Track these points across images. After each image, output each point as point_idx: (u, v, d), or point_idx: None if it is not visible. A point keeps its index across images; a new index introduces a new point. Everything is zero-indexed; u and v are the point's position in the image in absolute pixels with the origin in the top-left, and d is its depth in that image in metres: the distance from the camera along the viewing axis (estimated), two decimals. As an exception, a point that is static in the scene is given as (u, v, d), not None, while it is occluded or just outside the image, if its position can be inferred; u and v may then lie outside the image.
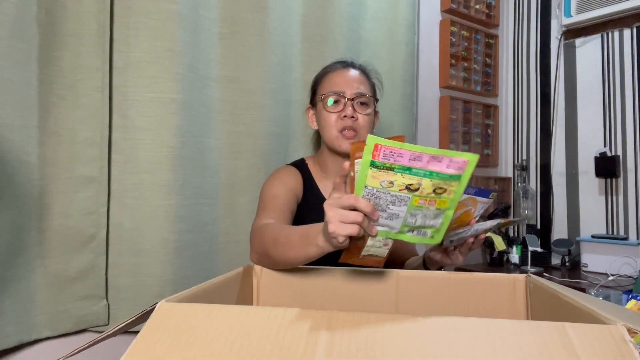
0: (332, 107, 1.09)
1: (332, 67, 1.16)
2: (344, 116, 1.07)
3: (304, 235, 0.77)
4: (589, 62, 2.17)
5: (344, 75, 1.12)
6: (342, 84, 1.10)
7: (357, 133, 1.08)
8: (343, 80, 1.10)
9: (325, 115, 1.10)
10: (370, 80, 1.16)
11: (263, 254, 0.86)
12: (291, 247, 0.79)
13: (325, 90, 1.11)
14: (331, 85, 1.11)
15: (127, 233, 1.19)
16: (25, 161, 1.03)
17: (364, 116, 1.09)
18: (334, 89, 1.10)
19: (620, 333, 0.40)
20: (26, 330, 1.06)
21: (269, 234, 0.87)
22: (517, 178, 2.40)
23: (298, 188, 1.11)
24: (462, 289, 0.79)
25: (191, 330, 0.44)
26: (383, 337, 0.42)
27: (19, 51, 1.02)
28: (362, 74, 1.14)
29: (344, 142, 1.08)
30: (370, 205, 0.63)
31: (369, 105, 1.10)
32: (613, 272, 1.84)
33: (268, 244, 0.84)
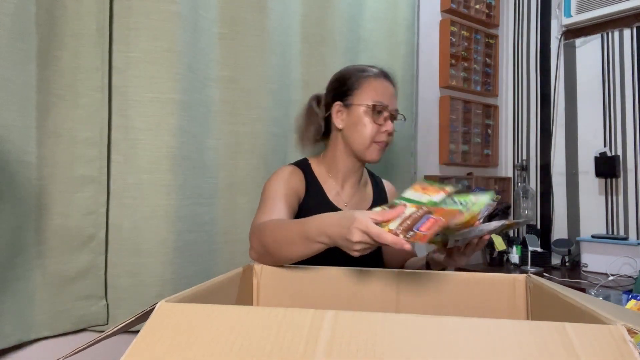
0: (377, 117, 1.09)
1: (373, 72, 1.14)
2: (385, 130, 1.09)
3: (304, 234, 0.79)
4: (589, 62, 2.17)
5: (386, 87, 1.12)
6: (386, 97, 1.10)
7: (387, 145, 1.12)
8: (387, 92, 1.11)
9: (365, 122, 1.09)
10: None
11: (263, 252, 0.87)
12: (292, 245, 0.81)
13: (370, 97, 1.10)
14: (377, 94, 1.10)
15: (127, 233, 1.19)
16: (25, 161, 1.03)
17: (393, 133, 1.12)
18: (381, 100, 1.09)
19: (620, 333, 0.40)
20: (25, 329, 1.06)
21: (268, 232, 0.87)
22: (517, 178, 2.40)
23: (300, 188, 1.11)
24: (462, 289, 0.79)
25: (191, 330, 0.44)
26: (383, 337, 0.42)
27: (19, 51, 1.01)
28: (395, 88, 1.15)
29: (374, 153, 1.10)
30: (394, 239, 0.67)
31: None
32: (613, 272, 1.84)
33: (268, 243, 0.85)
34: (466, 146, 2.24)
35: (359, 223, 0.69)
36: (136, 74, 1.20)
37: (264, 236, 0.87)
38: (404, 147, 1.87)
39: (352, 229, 0.69)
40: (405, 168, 1.88)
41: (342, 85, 1.15)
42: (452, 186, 0.83)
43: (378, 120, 1.09)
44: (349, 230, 0.70)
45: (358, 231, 0.69)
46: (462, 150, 2.21)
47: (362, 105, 1.10)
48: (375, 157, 1.11)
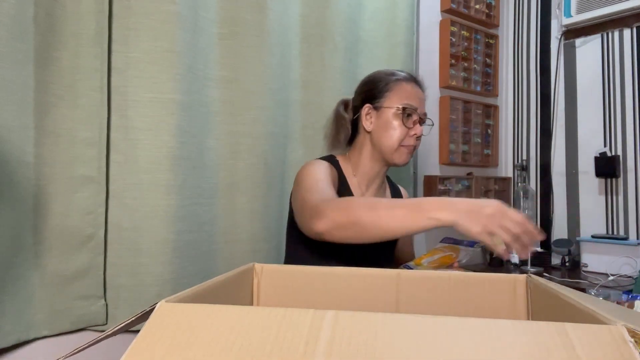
0: (407, 120, 1.10)
1: (404, 76, 1.15)
2: (414, 134, 1.10)
3: (416, 206, 0.76)
4: (589, 62, 2.17)
5: (417, 91, 1.13)
6: (416, 100, 1.11)
7: (415, 149, 1.13)
8: (417, 96, 1.12)
9: (395, 125, 1.10)
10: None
11: (346, 221, 0.83)
12: (394, 217, 0.78)
13: (401, 100, 1.11)
14: (408, 97, 1.11)
15: (126, 233, 1.19)
16: (24, 161, 1.03)
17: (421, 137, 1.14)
18: (412, 103, 1.10)
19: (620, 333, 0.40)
20: (24, 329, 1.06)
21: (359, 201, 0.86)
22: (517, 178, 2.40)
23: (335, 180, 1.11)
24: (462, 289, 0.79)
25: (191, 330, 0.44)
26: (383, 337, 0.41)
27: (18, 51, 1.01)
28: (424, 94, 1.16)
29: (403, 157, 1.11)
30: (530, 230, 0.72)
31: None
32: (613, 272, 1.84)
33: (360, 210, 0.81)
34: (466, 146, 2.24)
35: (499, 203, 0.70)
36: (136, 74, 1.20)
37: (355, 206, 0.83)
38: (404, 147, 1.87)
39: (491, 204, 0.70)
40: (405, 168, 1.88)
41: (373, 88, 1.15)
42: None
43: (407, 124, 1.10)
44: (485, 204, 0.71)
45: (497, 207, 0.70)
46: (462, 150, 2.21)
47: (392, 107, 1.10)
48: (403, 160, 1.12)
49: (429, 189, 2.06)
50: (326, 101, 1.61)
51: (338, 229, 0.84)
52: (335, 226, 0.84)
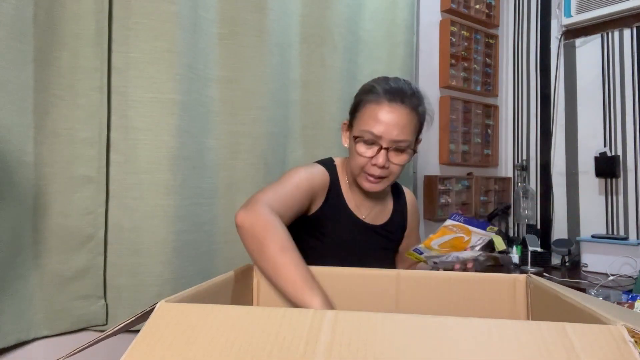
0: (363, 148, 0.99)
1: (377, 95, 0.99)
2: (375, 164, 0.99)
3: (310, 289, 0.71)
4: (589, 62, 2.17)
5: (389, 113, 0.97)
6: (382, 126, 0.96)
7: (384, 178, 1.02)
8: (385, 120, 0.96)
9: (355, 151, 1.00)
10: (418, 116, 1.01)
11: (251, 240, 0.79)
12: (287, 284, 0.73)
13: (362, 125, 0.99)
14: (370, 122, 0.98)
15: (126, 233, 1.19)
16: (24, 161, 1.03)
17: (397, 166, 1.00)
18: (372, 129, 0.97)
19: (620, 333, 0.40)
20: (24, 329, 1.06)
21: (273, 239, 0.78)
22: (517, 178, 2.40)
23: (321, 192, 1.05)
24: (462, 289, 0.79)
25: (191, 330, 0.44)
26: (383, 337, 0.41)
27: (17, 51, 1.01)
28: (410, 113, 0.98)
29: (366, 184, 1.02)
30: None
31: (407, 152, 1.01)
32: (613, 272, 1.84)
33: (265, 248, 0.77)
34: (466, 146, 2.24)
35: None
36: (135, 74, 1.20)
37: (267, 234, 0.78)
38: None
39: None
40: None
41: (353, 102, 1.07)
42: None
43: (367, 152, 0.99)
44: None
45: None
46: (462, 150, 2.21)
47: (355, 131, 1.02)
48: (368, 188, 1.02)
49: (429, 189, 2.06)
50: (326, 101, 1.61)
51: (247, 236, 0.80)
52: (248, 232, 0.80)
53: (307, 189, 0.99)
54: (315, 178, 1.03)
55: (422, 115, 1.04)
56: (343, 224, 1.08)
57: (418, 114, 1.01)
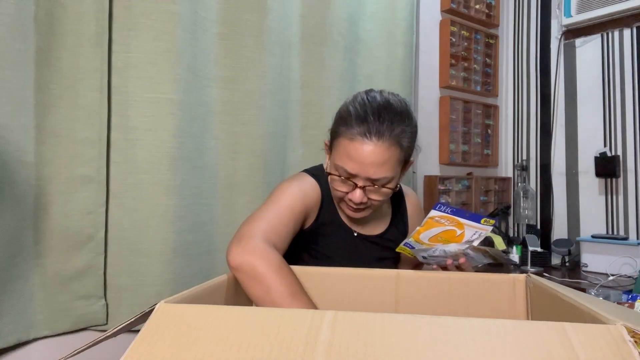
0: (339, 184, 0.93)
1: (351, 131, 0.88)
2: (349, 199, 0.92)
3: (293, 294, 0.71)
4: (589, 62, 2.17)
5: (361, 152, 0.86)
6: (356, 165, 0.87)
7: (367, 207, 0.95)
8: (359, 159, 0.87)
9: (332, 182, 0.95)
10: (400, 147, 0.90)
11: (248, 281, 0.77)
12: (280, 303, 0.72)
13: (337, 159, 0.91)
14: (344, 159, 0.89)
15: (126, 233, 1.19)
16: (24, 161, 1.03)
17: (377, 200, 0.94)
18: (345, 167, 0.88)
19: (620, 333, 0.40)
20: (25, 329, 1.06)
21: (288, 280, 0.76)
22: (517, 178, 2.40)
23: (314, 207, 1.00)
24: (462, 289, 0.79)
25: (191, 331, 0.44)
26: (383, 337, 0.41)
27: (18, 51, 1.01)
28: (389, 147, 0.87)
29: (348, 211, 0.97)
30: None
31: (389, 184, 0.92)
32: (613, 272, 1.84)
33: (259, 287, 0.75)
34: (466, 146, 2.24)
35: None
36: (136, 74, 1.20)
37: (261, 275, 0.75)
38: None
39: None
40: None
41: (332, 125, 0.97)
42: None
43: (343, 188, 0.92)
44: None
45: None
46: (462, 150, 2.21)
47: (330, 166, 0.95)
48: (349, 215, 0.97)
49: (429, 189, 2.06)
50: (326, 101, 1.61)
51: (248, 279, 0.77)
52: (249, 275, 0.77)
53: (301, 211, 0.95)
54: (307, 196, 0.97)
55: (406, 145, 0.93)
56: (337, 237, 1.04)
57: (400, 146, 0.90)
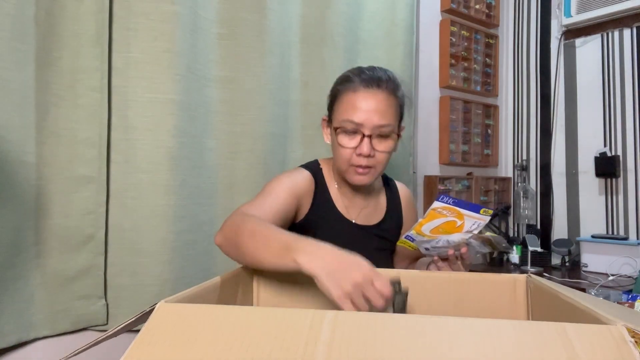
0: (346, 139, 0.96)
1: (352, 83, 0.97)
2: (360, 154, 0.95)
3: (286, 245, 0.70)
4: (589, 62, 2.17)
5: (366, 99, 0.94)
6: (362, 113, 0.93)
7: (372, 168, 0.98)
8: (364, 106, 0.93)
9: (337, 145, 0.97)
10: (397, 99, 0.99)
11: (232, 241, 0.80)
12: (266, 249, 0.73)
13: (342, 116, 0.95)
14: (349, 111, 0.94)
15: (126, 233, 1.19)
16: (24, 161, 1.03)
17: (383, 153, 0.96)
18: (352, 118, 0.94)
19: (620, 333, 0.40)
20: (25, 329, 1.06)
21: (249, 224, 0.78)
22: (517, 178, 2.40)
23: (307, 197, 1.02)
24: (462, 289, 0.79)
25: (191, 331, 0.44)
26: (383, 337, 0.41)
27: (18, 52, 1.01)
28: (389, 96, 0.96)
29: (355, 177, 0.98)
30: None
31: (391, 137, 0.97)
32: (613, 272, 1.84)
33: (243, 235, 0.77)
34: (466, 146, 2.24)
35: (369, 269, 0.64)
36: (135, 74, 1.20)
37: (242, 228, 0.78)
38: (403, 148, 1.86)
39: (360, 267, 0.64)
40: (404, 168, 1.87)
41: (329, 96, 1.04)
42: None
43: (351, 143, 0.95)
44: (354, 266, 0.64)
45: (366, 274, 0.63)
46: (462, 150, 2.21)
47: (335, 123, 0.98)
48: (356, 181, 0.99)
49: (429, 189, 2.06)
50: (326, 101, 1.60)
51: (226, 246, 0.81)
52: (225, 243, 0.81)
53: (290, 197, 0.96)
54: (298, 183, 1.00)
55: (401, 98, 1.01)
56: (333, 228, 1.04)
57: (397, 98, 0.99)
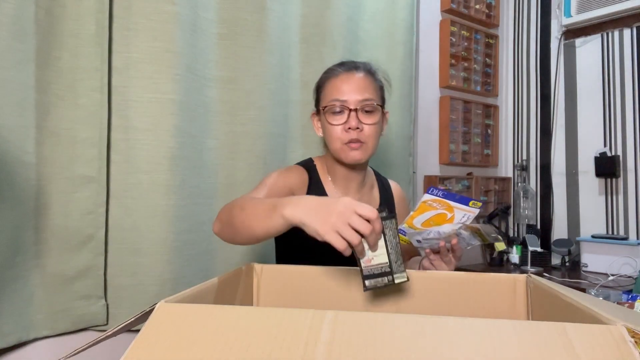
0: (335, 118, 1.02)
1: (334, 71, 1.07)
2: (349, 128, 1.01)
3: (272, 206, 0.73)
4: (589, 62, 2.17)
5: (347, 80, 1.03)
6: (345, 92, 1.02)
7: (363, 143, 1.02)
8: (346, 87, 1.02)
9: (328, 127, 1.03)
10: (376, 81, 1.08)
11: (227, 223, 0.83)
12: (256, 215, 0.75)
13: (328, 98, 1.04)
14: (333, 92, 1.03)
15: (126, 233, 1.19)
16: (24, 161, 1.03)
17: (371, 126, 1.02)
18: (337, 97, 1.02)
19: (620, 333, 0.40)
20: (25, 329, 1.06)
21: (239, 201, 0.83)
22: (517, 178, 2.40)
23: (300, 190, 1.06)
24: (462, 289, 0.79)
25: (191, 331, 0.44)
26: (383, 337, 0.41)
27: (18, 51, 1.01)
28: (367, 76, 1.05)
29: (349, 154, 1.03)
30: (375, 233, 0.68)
31: (376, 112, 1.03)
32: (613, 272, 1.84)
33: (235, 210, 0.81)
34: (466, 146, 2.24)
35: (349, 200, 0.66)
36: (135, 74, 1.20)
37: (234, 206, 0.82)
38: (403, 148, 1.87)
39: (341, 201, 0.66)
40: (404, 168, 1.88)
41: (315, 93, 1.12)
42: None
43: (340, 120, 1.02)
44: (334, 201, 0.66)
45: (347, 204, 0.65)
46: (462, 150, 2.21)
47: (322, 110, 1.05)
48: (351, 158, 1.03)
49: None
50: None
51: (222, 229, 0.85)
52: (221, 227, 0.85)
53: (283, 188, 1.00)
54: (290, 177, 1.04)
55: (380, 81, 1.09)
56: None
57: (375, 78, 1.07)
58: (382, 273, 0.73)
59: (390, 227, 0.73)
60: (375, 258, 0.73)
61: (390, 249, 0.73)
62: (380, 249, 0.73)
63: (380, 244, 0.73)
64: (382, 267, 0.74)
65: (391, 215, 0.73)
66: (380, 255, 0.73)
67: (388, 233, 0.72)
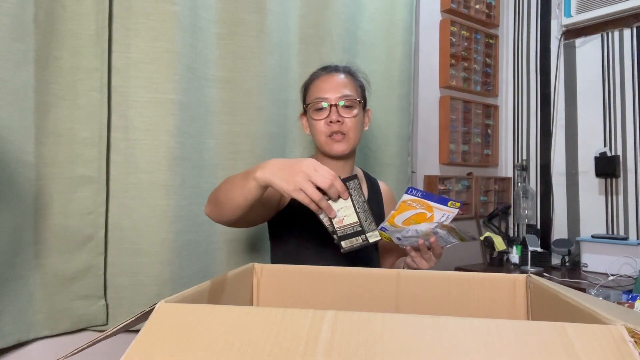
0: (318, 114, 1.10)
1: (316, 74, 1.16)
2: (330, 121, 1.08)
3: (246, 173, 0.83)
4: (589, 62, 2.17)
5: (327, 80, 1.12)
6: (325, 90, 1.10)
7: (345, 135, 1.10)
8: (327, 85, 1.11)
9: (313, 123, 1.11)
10: (356, 81, 1.16)
11: (213, 201, 0.91)
12: (233, 185, 0.84)
13: (311, 98, 1.12)
14: (316, 92, 1.12)
15: (126, 233, 1.19)
16: (24, 161, 1.03)
17: (351, 119, 1.10)
18: (319, 95, 1.10)
19: (620, 333, 0.40)
20: (24, 329, 1.06)
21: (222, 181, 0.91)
22: (517, 178, 2.40)
23: None
24: (462, 289, 0.79)
25: (191, 331, 0.44)
26: (383, 337, 0.41)
27: (18, 52, 1.01)
28: (347, 76, 1.14)
29: (333, 146, 1.10)
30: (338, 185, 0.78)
31: (355, 106, 1.11)
32: (613, 272, 1.84)
33: (218, 188, 0.89)
34: (466, 146, 2.24)
35: (311, 160, 0.76)
36: (135, 74, 1.20)
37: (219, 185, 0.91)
38: (402, 148, 1.86)
39: (304, 161, 0.76)
40: (403, 168, 1.87)
41: (301, 95, 1.20)
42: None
43: (322, 115, 1.10)
44: (298, 161, 0.76)
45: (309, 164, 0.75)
46: (462, 150, 2.21)
47: (307, 108, 1.14)
48: (335, 150, 1.10)
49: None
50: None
51: (212, 209, 0.92)
52: (210, 207, 0.93)
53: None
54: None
55: (360, 81, 1.18)
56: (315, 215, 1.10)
57: (355, 78, 1.16)
58: (355, 232, 0.79)
59: (354, 187, 0.79)
60: (345, 218, 0.80)
61: (358, 208, 0.80)
62: (349, 209, 0.79)
63: (347, 204, 0.79)
64: (353, 226, 0.80)
65: (353, 176, 0.80)
66: (350, 215, 0.79)
67: (354, 193, 0.79)
